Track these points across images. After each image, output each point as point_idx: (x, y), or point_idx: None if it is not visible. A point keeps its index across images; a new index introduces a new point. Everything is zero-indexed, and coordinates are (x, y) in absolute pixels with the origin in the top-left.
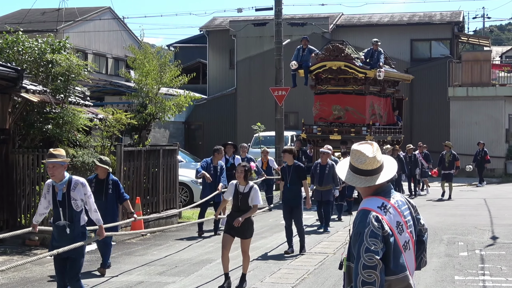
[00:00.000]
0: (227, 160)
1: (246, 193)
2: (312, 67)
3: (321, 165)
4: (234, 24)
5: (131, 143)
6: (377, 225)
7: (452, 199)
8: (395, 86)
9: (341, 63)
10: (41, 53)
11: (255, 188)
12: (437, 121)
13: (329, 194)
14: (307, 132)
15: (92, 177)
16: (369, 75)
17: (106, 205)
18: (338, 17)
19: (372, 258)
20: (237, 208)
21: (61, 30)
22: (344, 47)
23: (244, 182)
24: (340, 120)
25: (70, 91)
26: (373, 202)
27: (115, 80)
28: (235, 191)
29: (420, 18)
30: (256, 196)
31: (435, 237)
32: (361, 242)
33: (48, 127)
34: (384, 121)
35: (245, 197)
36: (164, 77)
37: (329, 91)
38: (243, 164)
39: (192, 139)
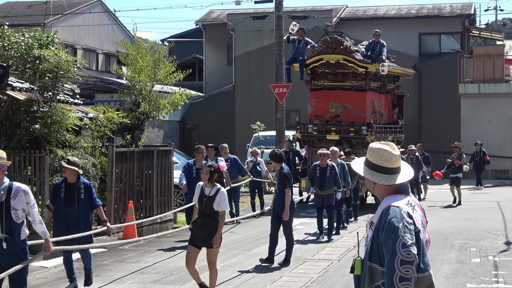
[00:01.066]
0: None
1: (212, 196)
2: (308, 60)
3: (320, 168)
4: (232, 18)
5: (124, 143)
6: (410, 221)
7: (461, 204)
8: (396, 81)
9: (339, 56)
10: (28, 49)
11: (222, 192)
12: (447, 120)
13: (331, 199)
14: (302, 131)
15: (59, 182)
16: (370, 70)
17: (79, 212)
18: (342, 10)
19: (410, 253)
20: (201, 213)
21: (49, 24)
22: (343, 39)
23: (210, 184)
24: (338, 118)
25: (58, 88)
26: (399, 199)
27: (106, 77)
28: (201, 193)
29: (429, 10)
30: (223, 201)
31: (445, 243)
32: (396, 237)
33: (36, 127)
34: (384, 120)
35: (210, 201)
36: (158, 74)
37: (326, 87)
38: (209, 163)
39: (188, 139)
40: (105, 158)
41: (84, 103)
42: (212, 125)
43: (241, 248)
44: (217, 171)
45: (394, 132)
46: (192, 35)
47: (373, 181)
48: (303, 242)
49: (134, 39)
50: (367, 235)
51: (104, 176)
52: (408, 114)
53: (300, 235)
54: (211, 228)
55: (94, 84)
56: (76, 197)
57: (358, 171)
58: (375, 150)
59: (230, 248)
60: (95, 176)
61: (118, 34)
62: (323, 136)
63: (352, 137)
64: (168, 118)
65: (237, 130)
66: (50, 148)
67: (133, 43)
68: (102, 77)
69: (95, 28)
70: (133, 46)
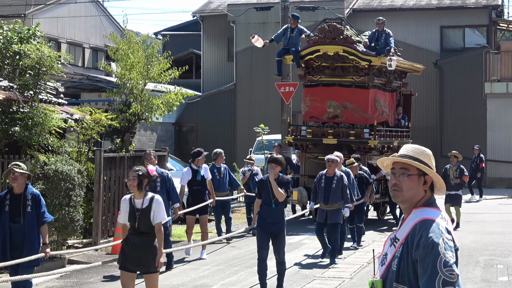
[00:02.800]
0: (196, 172)
1: (146, 208)
2: (302, 52)
3: (326, 177)
4: (233, 8)
5: (113, 148)
6: (449, 237)
7: (459, 227)
8: (402, 78)
9: (339, 47)
10: (7, 43)
11: (157, 200)
12: (472, 122)
13: (337, 215)
14: (294, 134)
15: (3, 193)
16: (375, 63)
17: (24, 228)
18: (355, 0)
19: (453, 273)
20: (134, 230)
21: (30, 15)
22: (343, 27)
23: (140, 193)
24: (337, 119)
25: (40, 87)
26: (433, 213)
27: (93, 74)
28: (131, 207)
29: (452, 1)
30: (159, 211)
31: (469, 259)
32: (436, 255)
33: (15, 129)
34: (391, 122)
35: (144, 214)
36: (151, 71)
37: (322, 83)
38: (136, 168)
39: (184, 143)
40: (92, 164)
41: (69, 103)
42: (211, 127)
43: (242, 264)
44: (146, 176)
45: (400, 136)
46: (188, 28)
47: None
48: (301, 266)
49: (124, 32)
50: (385, 252)
51: (91, 184)
52: (428, 116)
53: (297, 257)
54: (149, 248)
55: (80, 82)
56: (22, 211)
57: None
58: (430, 155)
59: (231, 265)
60: (80, 184)
61: (107, 26)
62: (319, 139)
63: (352, 141)
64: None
65: (238, 134)
66: (31, 153)
67: (124, 36)
68: (89, 74)
69: (81, 20)
70: (123, 40)
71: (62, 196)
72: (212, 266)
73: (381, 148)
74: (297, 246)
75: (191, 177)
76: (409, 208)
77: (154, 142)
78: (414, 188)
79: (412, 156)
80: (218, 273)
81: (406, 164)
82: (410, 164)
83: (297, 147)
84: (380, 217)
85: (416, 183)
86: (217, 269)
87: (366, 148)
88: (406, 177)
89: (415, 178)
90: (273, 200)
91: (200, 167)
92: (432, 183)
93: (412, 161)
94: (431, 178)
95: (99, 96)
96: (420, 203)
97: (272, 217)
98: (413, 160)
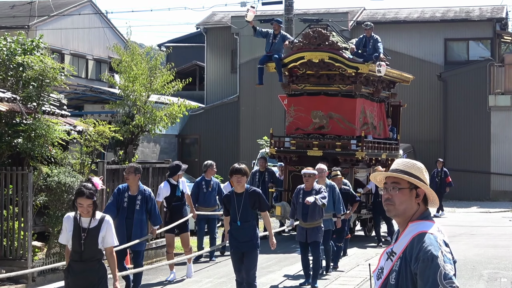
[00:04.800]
0: (174, 187)
1: (94, 228)
2: (286, 59)
3: (304, 192)
4: (236, 20)
5: (116, 160)
6: (448, 250)
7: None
8: (390, 88)
9: (324, 54)
10: (10, 54)
11: (108, 222)
12: (476, 135)
13: (316, 233)
14: (277, 146)
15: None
16: (362, 71)
17: None
18: (359, 12)
19: (453, 285)
20: (79, 255)
21: (34, 26)
22: (329, 33)
23: (89, 213)
24: (322, 130)
25: (44, 98)
26: (429, 225)
27: (97, 85)
28: (75, 227)
29: (456, 14)
30: (110, 234)
31: (473, 272)
32: (436, 268)
33: (18, 141)
34: (378, 134)
35: (92, 236)
36: (154, 83)
37: (307, 92)
38: (88, 192)
39: (187, 155)
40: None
41: (72, 115)
42: (214, 139)
43: None
44: (96, 195)
45: (389, 149)
46: (192, 40)
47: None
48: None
49: (128, 43)
50: (381, 266)
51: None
52: (432, 129)
53: (274, 279)
54: (95, 278)
55: (83, 94)
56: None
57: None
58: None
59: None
60: None
61: (111, 38)
62: (303, 151)
63: (339, 153)
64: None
65: (241, 146)
66: (34, 165)
67: (127, 48)
68: (92, 86)
69: (84, 32)
70: (127, 51)
71: (65, 208)
72: (215, 278)
73: (369, 160)
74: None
75: (170, 193)
76: (404, 222)
77: (157, 154)
78: (406, 202)
79: (403, 170)
80: (220, 286)
81: (397, 178)
82: (401, 178)
83: (280, 159)
84: (367, 234)
85: (408, 196)
86: (219, 282)
87: (353, 160)
88: (397, 191)
89: (406, 191)
90: (238, 217)
91: (178, 182)
92: (426, 196)
93: (403, 175)
94: (423, 191)
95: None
96: (415, 217)
97: (243, 234)
98: (403, 174)
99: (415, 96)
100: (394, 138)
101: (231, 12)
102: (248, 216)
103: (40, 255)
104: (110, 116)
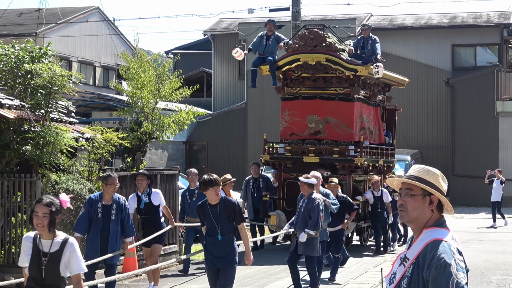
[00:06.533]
0: (139, 198)
1: (55, 253)
2: (280, 61)
3: (302, 199)
4: (244, 27)
5: (123, 167)
6: (461, 258)
7: None
8: (386, 91)
9: (321, 56)
10: (18, 62)
11: (71, 245)
12: (483, 141)
13: (309, 246)
14: (271, 153)
15: None
16: (361, 73)
17: None
18: (366, 19)
19: None
20: (38, 283)
21: (41, 34)
22: (326, 34)
23: (48, 233)
24: (319, 136)
25: (52, 106)
26: (443, 233)
27: (104, 92)
28: (35, 250)
29: (463, 19)
30: (75, 259)
31: (482, 279)
32: (448, 276)
33: (27, 148)
34: (374, 140)
35: (53, 261)
36: (162, 90)
37: (302, 96)
38: (47, 200)
39: (195, 162)
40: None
41: (80, 122)
42: (222, 146)
43: (253, 284)
44: (60, 212)
45: (385, 154)
46: (199, 47)
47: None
48: None
49: (135, 50)
50: (394, 272)
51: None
52: (440, 135)
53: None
54: None
55: (91, 101)
56: None
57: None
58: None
59: (242, 284)
60: None
61: (118, 45)
62: (299, 158)
63: (336, 159)
64: (173, 139)
65: (249, 152)
66: (42, 172)
67: (135, 55)
68: (100, 93)
69: (92, 39)
70: (134, 58)
71: (73, 215)
72: None
73: (367, 167)
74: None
75: (137, 205)
76: (418, 228)
77: (165, 161)
78: (419, 208)
79: (417, 176)
80: None
81: (410, 185)
82: (414, 184)
83: (275, 166)
84: (363, 243)
85: (421, 203)
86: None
87: (352, 166)
88: (410, 197)
89: (419, 198)
90: (218, 230)
91: (144, 193)
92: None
93: (415, 181)
94: (437, 198)
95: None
96: (429, 223)
97: (219, 249)
98: (416, 180)
99: (423, 102)
100: (390, 143)
101: (238, 19)
102: (224, 229)
103: None
104: (118, 123)
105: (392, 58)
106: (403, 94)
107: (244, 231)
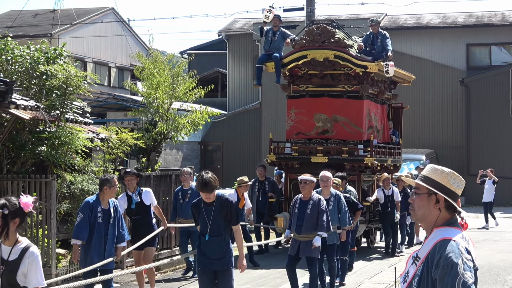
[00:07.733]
0: (130, 198)
1: (14, 262)
2: (287, 58)
3: (301, 201)
4: (258, 27)
5: (138, 167)
6: (469, 257)
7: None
8: (391, 89)
9: (329, 52)
10: (33, 63)
11: (32, 254)
12: (499, 140)
13: (311, 248)
14: (277, 152)
15: None
16: (371, 70)
17: None
18: (381, 18)
19: None
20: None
21: (56, 35)
22: (334, 29)
23: (7, 239)
24: (327, 135)
25: (67, 106)
26: (453, 232)
27: (119, 93)
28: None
29: (478, 19)
30: (35, 271)
31: (497, 278)
32: (455, 275)
33: (42, 149)
34: (380, 138)
35: (11, 270)
36: (177, 90)
37: (310, 94)
38: (1, 202)
39: (210, 162)
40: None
41: (95, 122)
42: (236, 146)
43: (268, 284)
44: (18, 215)
45: (393, 154)
46: (214, 47)
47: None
48: None
49: (150, 51)
50: (407, 271)
51: None
52: (455, 135)
53: None
54: None
55: (106, 101)
56: None
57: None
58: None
59: (257, 284)
60: None
61: (133, 45)
62: (306, 158)
63: (345, 159)
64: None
65: (263, 152)
66: (57, 172)
67: (149, 55)
68: (115, 94)
69: (107, 40)
70: (149, 59)
71: None
72: (237, 286)
73: (376, 167)
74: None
75: (127, 205)
76: (429, 227)
77: (180, 161)
78: (424, 207)
79: (425, 175)
80: None
81: (418, 184)
82: (419, 183)
83: (281, 167)
84: (370, 246)
85: (426, 202)
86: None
87: (362, 167)
88: (416, 196)
89: (424, 197)
90: (208, 230)
91: (135, 192)
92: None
93: (418, 181)
94: (443, 197)
95: (125, 115)
96: (439, 223)
97: (213, 250)
98: (424, 179)
99: (437, 102)
100: (397, 142)
101: (253, 19)
102: (220, 229)
103: (64, 263)
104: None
105: (407, 57)
106: (417, 93)
107: (239, 233)
